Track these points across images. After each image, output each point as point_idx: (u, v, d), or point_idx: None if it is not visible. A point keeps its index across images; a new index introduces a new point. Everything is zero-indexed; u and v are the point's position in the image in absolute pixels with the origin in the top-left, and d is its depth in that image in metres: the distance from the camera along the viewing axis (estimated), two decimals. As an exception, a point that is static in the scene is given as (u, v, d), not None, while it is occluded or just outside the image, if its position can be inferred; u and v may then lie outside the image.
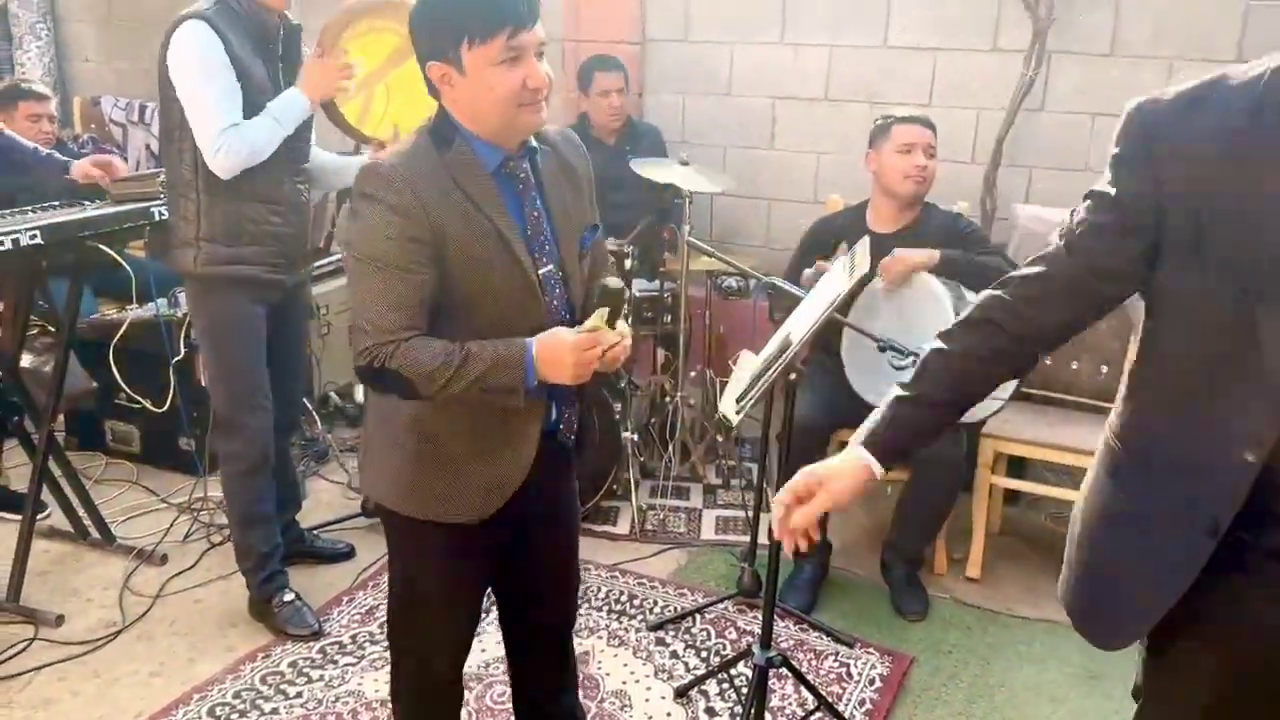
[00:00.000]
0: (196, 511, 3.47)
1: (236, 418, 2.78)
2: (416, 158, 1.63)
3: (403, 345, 1.59)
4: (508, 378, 1.60)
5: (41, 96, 4.05)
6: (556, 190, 1.76)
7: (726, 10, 4.38)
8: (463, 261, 1.63)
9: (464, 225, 1.62)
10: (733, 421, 2.13)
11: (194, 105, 2.53)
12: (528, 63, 1.59)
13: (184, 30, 2.51)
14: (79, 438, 3.98)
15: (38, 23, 5.62)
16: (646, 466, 3.78)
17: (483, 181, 1.65)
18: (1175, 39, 3.75)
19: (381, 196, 1.58)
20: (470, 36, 1.57)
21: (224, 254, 2.65)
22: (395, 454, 1.78)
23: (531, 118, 1.64)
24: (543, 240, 1.73)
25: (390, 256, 1.58)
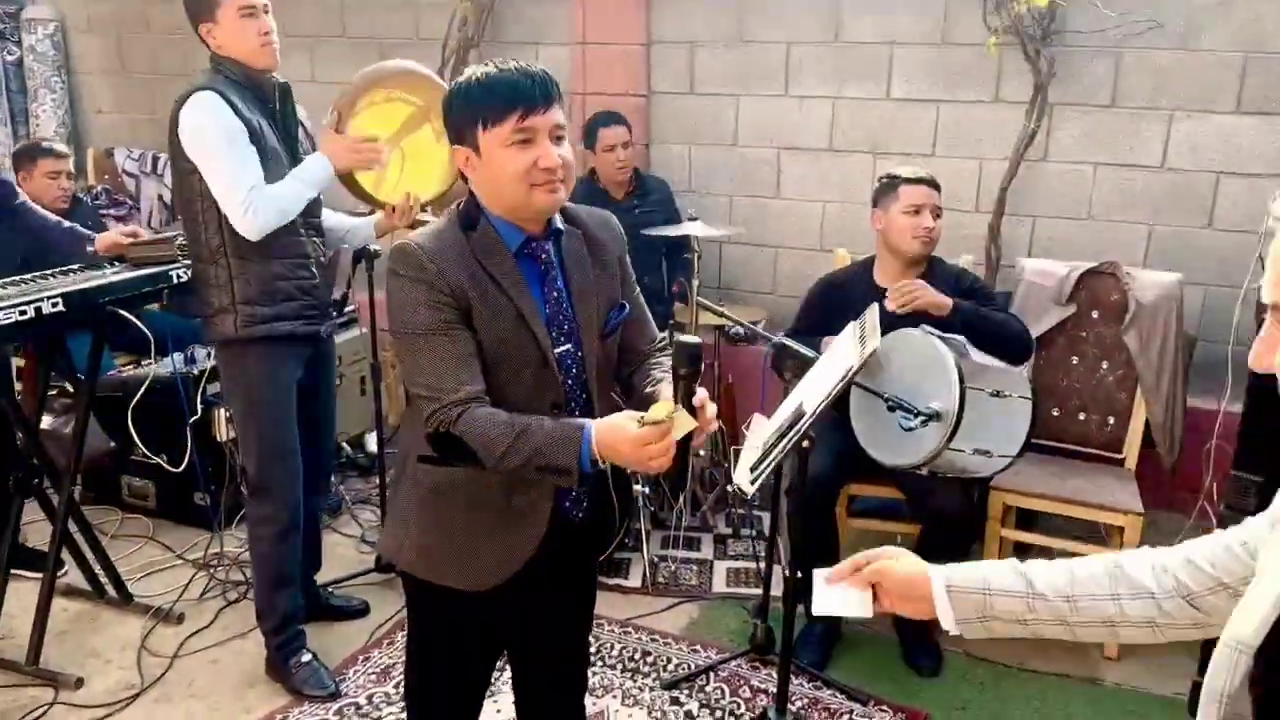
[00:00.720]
0: (213, 568, 3.50)
1: (270, 481, 2.81)
2: (443, 238, 1.70)
3: (467, 411, 1.63)
4: (563, 458, 1.60)
5: (60, 155, 4.12)
6: (580, 271, 1.80)
7: (731, 64, 4.45)
8: (483, 337, 1.68)
9: (485, 302, 1.68)
10: (748, 493, 2.16)
11: (215, 173, 2.58)
12: (540, 145, 1.65)
13: (193, 102, 2.57)
14: (95, 492, 4.01)
15: (52, 76, 5.72)
16: (657, 517, 3.81)
17: (505, 261, 1.71)
18: (1175, 91, 3.81)
19: (410, 274, 1.66)
20: (484, 120, 1.64)
21: (264, 314, 2.69)
22: (414, 518, 1.83)
23: (546, 198, 1.68)
24: (562, 320, 1.77)
25: (430, 323, 1.64)
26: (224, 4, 2.61)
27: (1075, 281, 3.39)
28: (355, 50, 5.07)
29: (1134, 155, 3.93)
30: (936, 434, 2.64)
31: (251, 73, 2.67)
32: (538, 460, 1.61)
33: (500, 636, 1.98)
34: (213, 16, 2.62)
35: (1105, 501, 3.09)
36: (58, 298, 2.74)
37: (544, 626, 2.00)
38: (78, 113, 5.93)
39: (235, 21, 2.62)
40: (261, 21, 2.66)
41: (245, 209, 2.57)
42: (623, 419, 1.59)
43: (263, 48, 2.66)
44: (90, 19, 5.78)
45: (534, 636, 2.00)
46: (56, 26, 5.72)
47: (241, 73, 2.66)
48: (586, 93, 4.56)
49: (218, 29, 2.63)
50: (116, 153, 5.65)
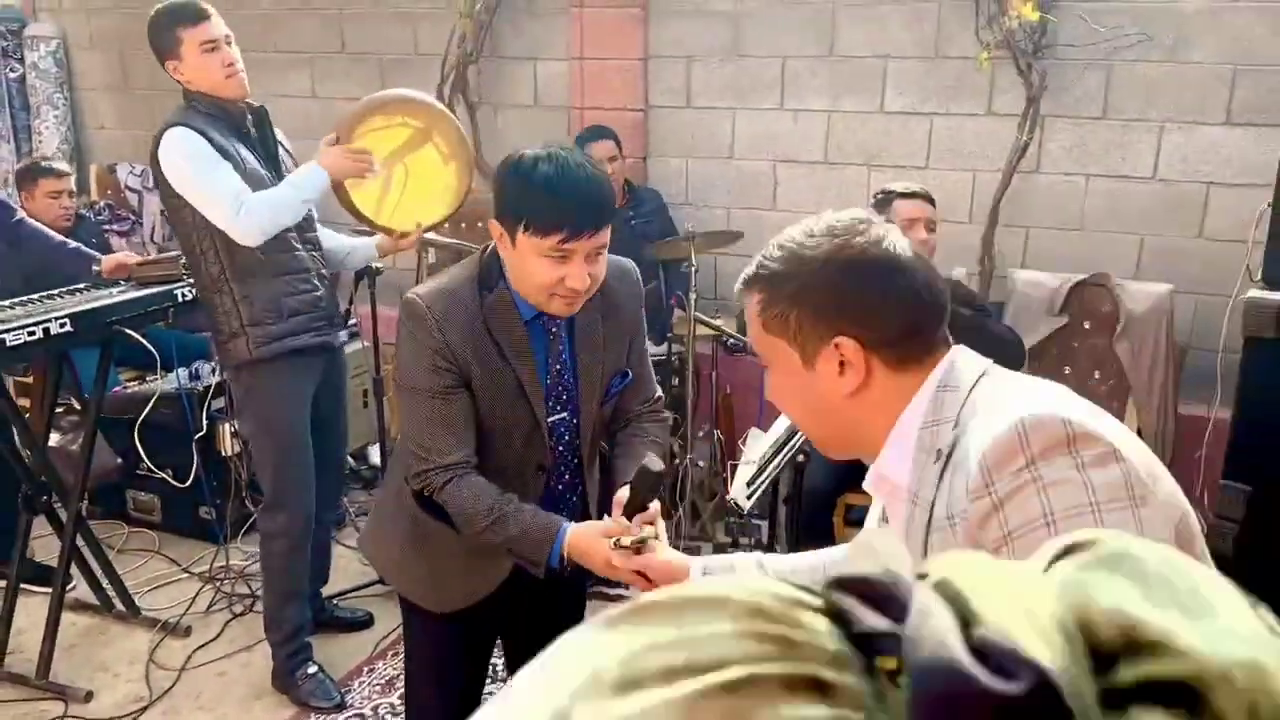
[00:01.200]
0: (219, 581, 3.54)
1: (285, 496, 2.86)
2: (455, 299, 1.71)
3: (453, 482, 1.68)
4: (534, 553, 1.68)
5: (61, 174, 4.16)
6: (589, 345, 1.81)
7: (727, 78, 4.50)
8: (480, 400, 1.73)
9: (487, 370, 1.72)
10: (745, 508, 2.20)
11: (201, 195, 2.62)
12: (574, 264, 1.63)
13: (168, 139, 2.63)
14: (101, 507, 4.06)
15: (55, 92, 5.77)
16: (657, 527, 3.85)
17: (515, 329, 1.73)
18: (1165, 103, 3.86)
19: (417, 334, 1.69)
20: (529, 223, 1.62)
21: (275, 331, 2.74)
22: (394, 531, 1.90)
23: (560, 308, 1.69)
24: (561, 390, 1.81)
25: (431, 384, 1.69)
26: (185, 41, 2.66)
27: (1067, 293, 3.45)
28: (354, 66, 5.12)
29: (1125, 166, 3.98)
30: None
31: (221, 102, 2.72)
32: (511, 546, 1.69)
33: (488, 645, 2.04)
34: (177, 54, 2.68)
35: (1098, 510, 3.13)
36: (65, 318, 2.79)
37: (532, 633, 2.03)
38: (80, 129, 5.98)
39: (198, 57, 2.67)
40: (224, 53, 2.70)
41: (236, 213, 2.59)
42: (597, 534, 1.60)
43: (228, 79, 2.70)
44: (92, 36, 5.83)
45: (524, 642, 2.06)
46: (59, 44, 5.77)
47: (213, 104, 2.71)
48: (584, 107, 4.61)
49: (183, 65, 2.69)
50: (119, 169, 5.69)
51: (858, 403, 1.16)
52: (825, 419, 1.22)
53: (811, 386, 1.17)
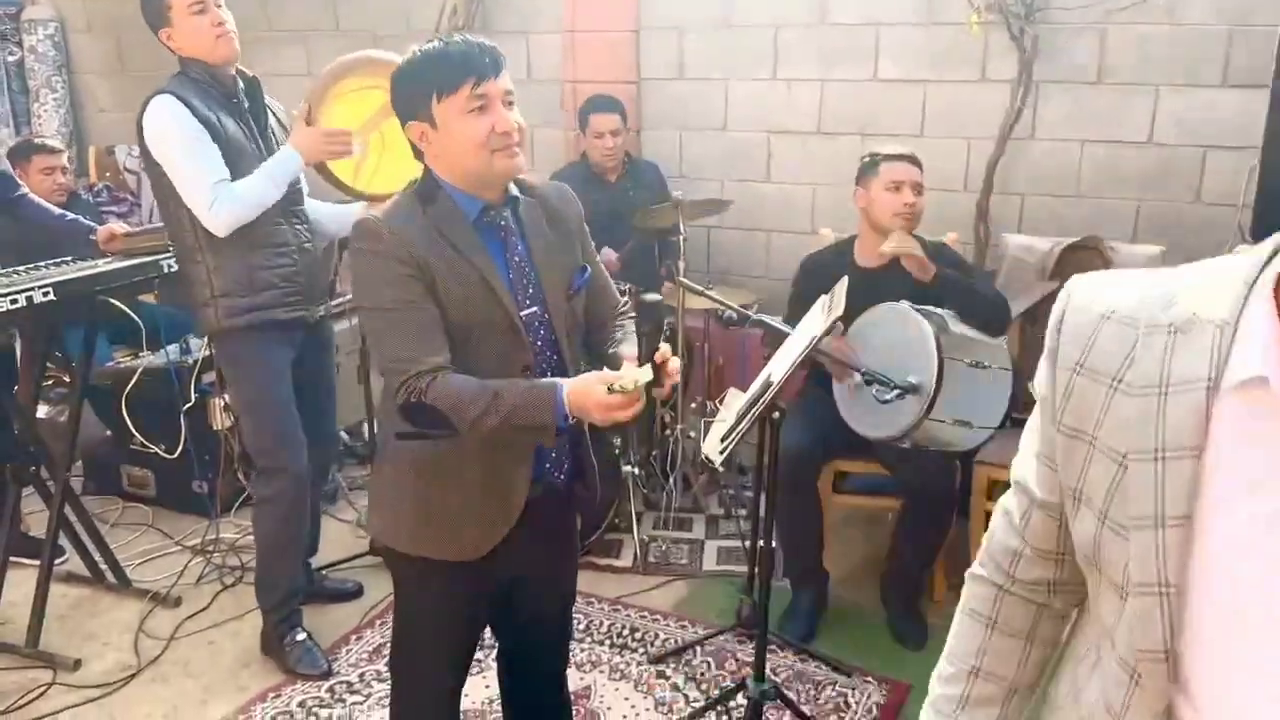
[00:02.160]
0: (209, 554, 3.56)
1: (275, 460, 2.86)
2: (401, 211, 1.76)
3: (437, 379, 1.68)
4: (540, 415, 1.68)
5: (54, 150, 4.17)
6: (539, 237, 1.86)
7: (719, 49, 4.47)
8: (450, 303, 1.73)
9: (449, 270, 1.72)
10: (716, 462, 2.19)
11: (178, 173, 2.63)
12: (494, 110, 1.71)
13: (152, 108, 2.63)
14: (96, 483, 4.08)
15: (53, 75, 5.78)
16: (649, 499, 3.85)
17: (464, 230, 1.76)
18: (1161, 65, 3.81)
19: (372, 247, 1.71)
20: (439, 90, 1.70)
21: (242, 304, 2.75)
22: (397, 494, 1.87)
23: (506, 163, 1.74)
24: (526, 283, 1.82)
25: (394, 297, 1.69)
26: (174, 6, 2.65)
27: (1058, 257, 3.41)
28: (348, 43, 5.10)
29: (1121, 131, 3.93)
30: (914, 406, 2.67)
31: (213, 69, 2.72)
32: (514, 419, 1.67)
33: (486, 606, 2.02)
34: (168, 20, 2.67)
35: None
36: (49, 287, 2.79)
37: (529, 594, 2.04)
38: (79, 111, 6.00)
39: (188, 20, 2.66)
40: (212, 14, 2.68)
41: (209, 205, 2.61)
42: (592, 381, 1.66)
43: (218, 39, 2.69)
44: (89, 19, 5.84)
45: (519, 604, 2.04)
46: (56, 27, 5.79)
47: (204, 71, 2.71)
48: (577, 80, 4.59)
49: (174, 31, 2.68)
50: (118, 150, 5.71)
51: None
52: None
53: None
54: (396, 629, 2.04)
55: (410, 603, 1.99)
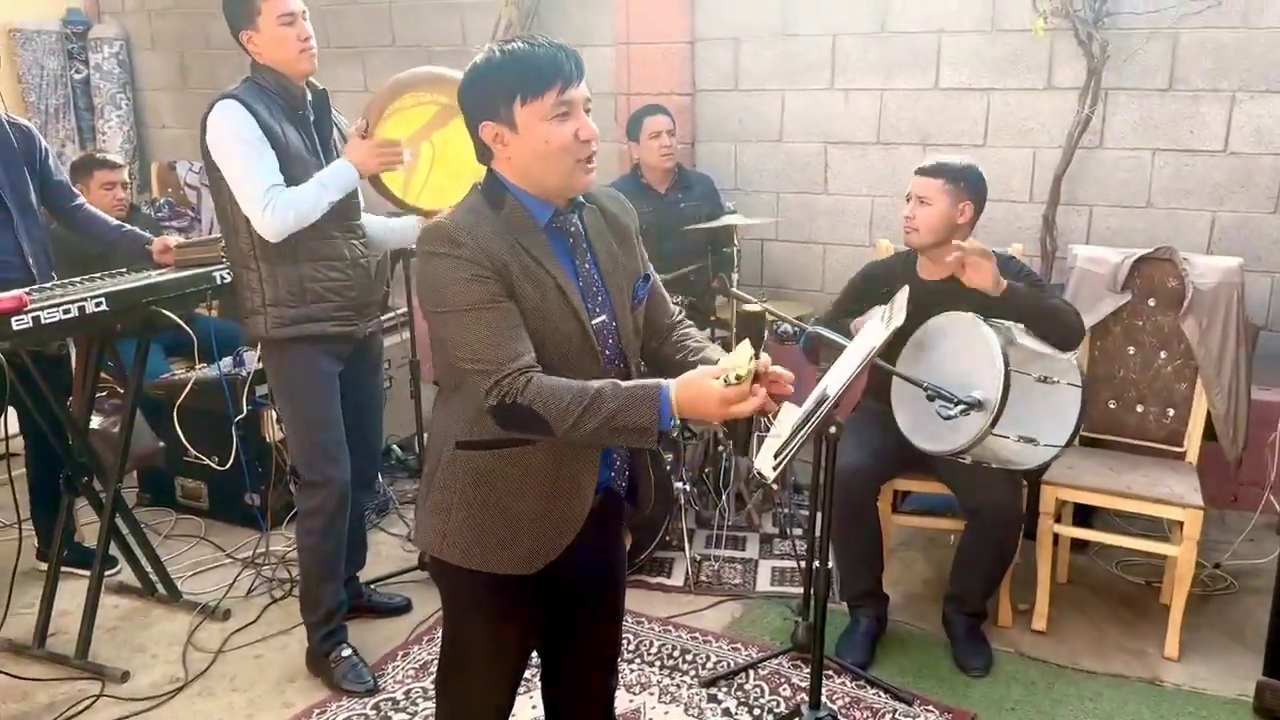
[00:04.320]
0: (259, 566, 3.54)
1: (318, 473, 2.84)
2: (475, 214, 1.69)
3: (533, 379, 1.61)
4: (642, 417, 1.59)
5: (115, 165, 4.22)
6: (604, 244, 1.81)
7: (776, 59, 4.40)
8: (526, 310, 1.67)
9: (526, 276, 1.67)
10: (769, 478, 2.10)
11: (235, 177, 2.63)
12: (578, 116, 1.66)
13: (216, 111, 2.63)
14: (151, 494, 4.10)
15: (118, 93, 5.89)
16: (701, 516, 3.76)
17: (537, 236, 1.70)
18: (1236, 71, 3.67)
19: (447, 251, 1.63)
20: (523, 94, 1.63)
21: (291, 315, 2.73)
22: (454, 505, 1.80)
23: (585, 177, 1.70)
24: (595, 292, 1.77)
25: (474, 296, 1.62)
26: (264, 12, 2.65)
27: (1130, 268, 3.27)
28: (405, 58, 5.13)
29: (1194, 140, 3.79)
30: (978, 421, 2.56)
31: (285, 80, 2.71)
32: (616, 421, 1.59)
33: (539, 624, 1.95)
34: (253, 24, 2.67)
35: (1162, 495, 2.96)
36: (101, 297, 2.79)
37: (580, 610, 1.97)
38: (142, 127, 6.10)
39: (275, 29, 2.66)
40: (300, 27, 2.69)
41: (263, 209, 2.60)
42: (701, 376, 1.59)
43: (301, 53, 2.70)
44: (154, 37, 5.95)
45: (568, 620, 1.98)
46: (122, 45, 5.90)
47: (275, 80, 2.70)
48: (631, 93, 4.55)
49: (258, 36, 2.67)
50: (179, 166, 5.80)
51: None
52: None
53: None
54: (445, 646, 1.97)
55: (460, 619, 1.93)
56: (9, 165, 3.18)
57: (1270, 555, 3.19)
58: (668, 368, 1.92)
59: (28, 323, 2.59)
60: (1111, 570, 3.47)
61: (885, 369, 2.73)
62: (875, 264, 3.29)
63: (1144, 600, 3.30)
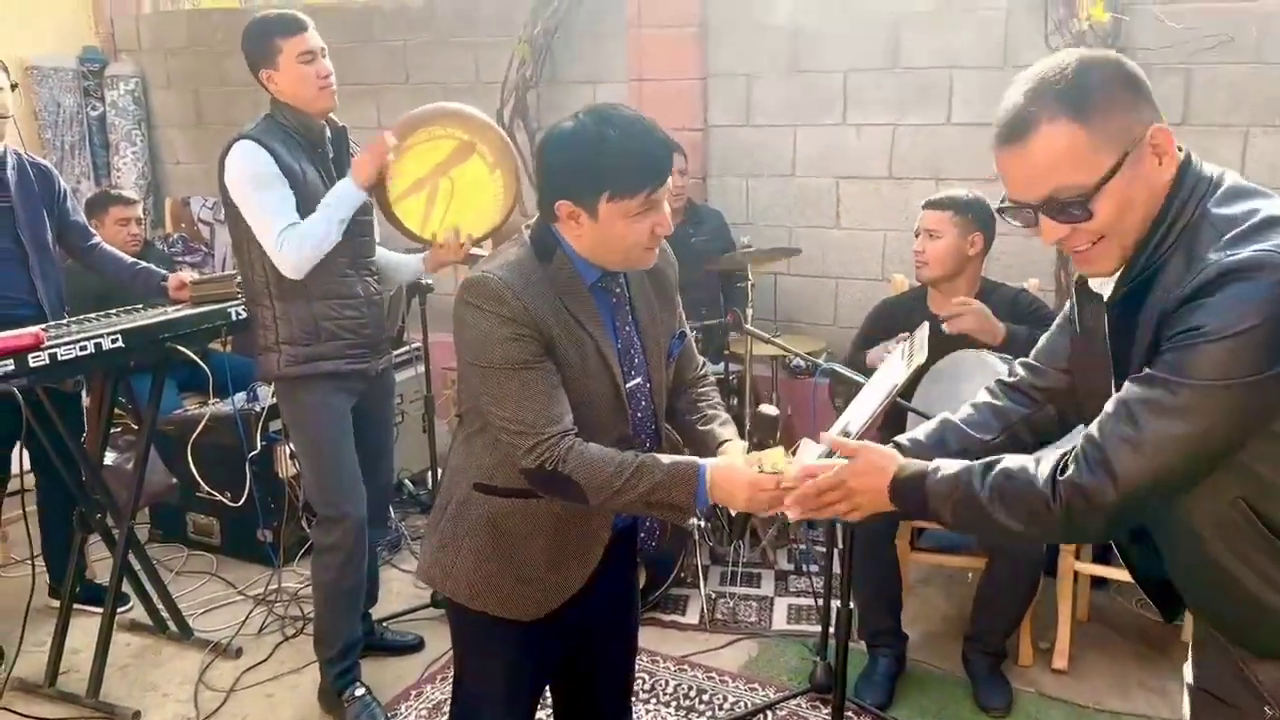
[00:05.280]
0: (271, 603, 3.52)
1: (335, 509, 2.83)
2: (522, 270, 1.66)
3: (575, 447, 1.61)
4: (680, 496, 1.61)
5: (130, 201, 4.25)
6: (646, 303, 1.81)
7: (788, 94, 4.41)
8: (564, 368, 1.66)
9: (568, 337, 1.66)
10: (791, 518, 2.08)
11: (253, 216, 2.64)
12: (659, 210, 1.64)
13: (235, 151, 2.64)
14: (163, 530, 4.09)
15: (133, 130, 5.93)
16: (715, 552, 3.73)
17: (583, 296, 1.69)
18: (1249, 107, 3.67)
19: (490, 308, 1.62)
20: (613, 191, 1.60)
21: (304, 353, 2.73)
22: (463, 546, 1.79)
23: (647, 258, 1.70)
24: (633, 354, 1.77)
25: (518, 358, 1.62)
26: (284, 50, 2.66)
27: (1147, 302, 3.24)
28: (419, 96, 5.13)
29: (1209, 173, 3.78)
30: (997, 459, 2.53)
31: (304, 117, 2.72)
32: (653, 496, 1.60)
33: (548, 667, 1.93)
34: (273, 63, 2.68)
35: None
36: (117, 334, 2.79)
37: (593, 650, 1.96)
38: (156, 164, 6.14)
39: (295, 68, 2.67)
40: (320, 65, 2.70)
41: (279, 245, 2.61)
42: (738, 461, 1.63)
43: (321, 91, 2.71)
44: (169, 75, 6.00)
45: (582, 660, 1.96)
46: (137, 83, 5.95)
47: (294, 118, 2.71)
48: (643, 128, 4.55)
49: (278, 75, 2.69)
50: (192, 201, 5.83)
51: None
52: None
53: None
54: (457, 687, 1.96)
55: (472, 661, 1.92)
56: (27, 204, 3.19)
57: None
58: (674, 422, 1.92)
59: (45, 359, 2.60)
60: (1132, 607, 3.43)
61: (903, 406, 2.71)
62: (889, 300, 3.29)
63: (1166, 637, 3.25)
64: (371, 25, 5.32)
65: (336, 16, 5.19)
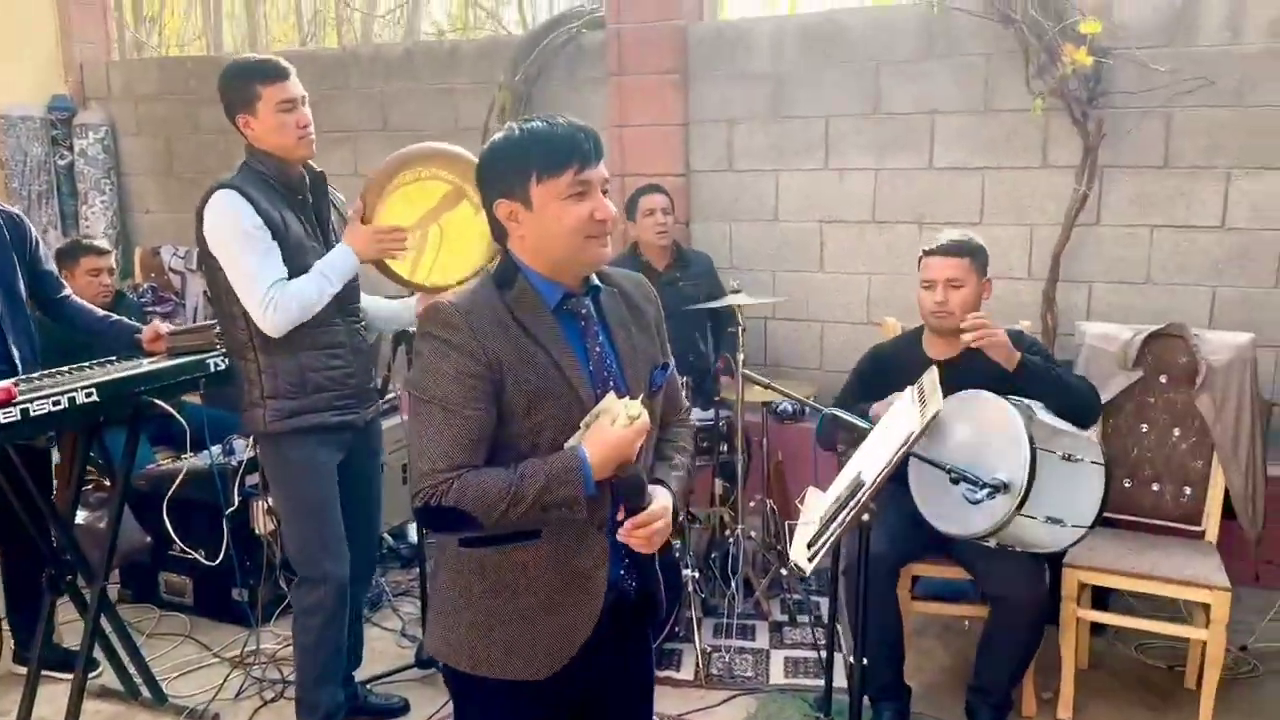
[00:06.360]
0: (249, 666, 3.38)
1: (316, 569, 2.73)
2: (477, 295, 1.67)
3: (456, 481, 1.57)
4: (568, 490, 1.58)
5: (102, 251, 4.14)
6: (623, 328, 1.76)
7: (770, 140, 4.41)
8: (521, 395, 1.62)
9: (520, 359, 1.62)
10: (807, 571, 2.01)
11: (237, 271, 2.56)
12: (595, 196, 1.64)
13: (214, 202, 2.56)
14: (134, 590, 3.93)
15: (102, 179, 5.84)
16: (708, 604, 3.64)
17: (545, 318, 1.66)
18: (1230, 148, 3.70)
19: (441, 335, 1.61)
20: (539, 172, 1.61)
21: (290, 407, 2.65)
22: (460, 607, 1.73)
23: (597, 251, 1.67)
24: (607, 377, 1.71)
25: (450, 396, 1.58)
26: (264, 97, 2.60)
27: (1140, 345, 3.23)
28: (397, 142, 5.00)
29: (1191, 216, 3.81)
30: (1005, 504, 2.49)
31: (283, 164, 2.65)
32: (545, 499, 1.57)
33: None
34: (252, 109, 2.61)
35: (1189, 577, 2.88)
36: (91, 388, 2.69)
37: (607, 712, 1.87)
38: (126, 213, 6.04)
39: (274, 115, 2.60)
40: (300, 114, 2.64)
41: (265, 307, 2.53)
42: (601, 427, 1.62)
43: (300, 140, 2.63)
44: (139, 123, 5.92)
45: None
46: (107, 131, 5.87)
47: (273, 166, 2.64)
48: (625, 174, 4.54)
49: (256, 121, 2.62)
50: (163, 251, 5.72)
51: None
52: None
53: None
54: None
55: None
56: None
57: (1298, 637, 3.11)
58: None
59: (16, 415, 2.49)
60: (1132, 653, 3.38)
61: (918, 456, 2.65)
62: (882, 345, 3.24)
63: (1168, 685, 3.20)
64: (348, 72, 5.28)
65: (313, 63, 5.14)
